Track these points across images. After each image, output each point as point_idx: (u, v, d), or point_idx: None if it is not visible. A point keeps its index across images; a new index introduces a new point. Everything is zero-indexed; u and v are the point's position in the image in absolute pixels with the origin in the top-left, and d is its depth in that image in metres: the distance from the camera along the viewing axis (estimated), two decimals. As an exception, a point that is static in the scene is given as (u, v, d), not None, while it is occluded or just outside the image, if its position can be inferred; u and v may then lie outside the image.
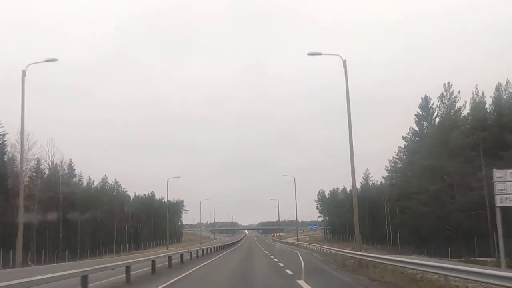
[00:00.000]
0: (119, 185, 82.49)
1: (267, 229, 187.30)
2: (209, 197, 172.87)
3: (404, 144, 52.32)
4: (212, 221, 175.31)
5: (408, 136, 51.67)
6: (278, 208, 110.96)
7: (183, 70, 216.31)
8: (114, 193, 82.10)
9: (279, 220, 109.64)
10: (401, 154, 53.14)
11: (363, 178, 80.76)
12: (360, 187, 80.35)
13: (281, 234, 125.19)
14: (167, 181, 60.39)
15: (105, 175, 78.80)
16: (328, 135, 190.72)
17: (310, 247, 47.15)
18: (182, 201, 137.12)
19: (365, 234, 74.47)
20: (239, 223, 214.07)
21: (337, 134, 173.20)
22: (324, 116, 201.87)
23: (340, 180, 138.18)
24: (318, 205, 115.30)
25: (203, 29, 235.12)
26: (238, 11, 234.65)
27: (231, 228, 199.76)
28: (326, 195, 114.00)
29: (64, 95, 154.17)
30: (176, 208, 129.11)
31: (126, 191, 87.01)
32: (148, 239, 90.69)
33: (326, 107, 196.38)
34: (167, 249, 58.71)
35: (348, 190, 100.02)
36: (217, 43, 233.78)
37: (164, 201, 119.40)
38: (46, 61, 25.38)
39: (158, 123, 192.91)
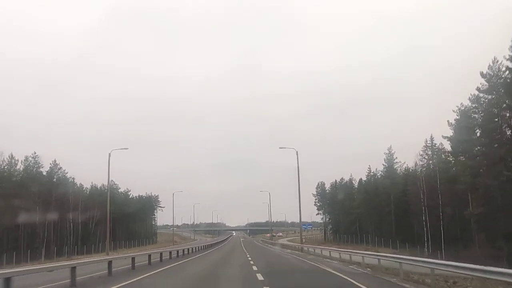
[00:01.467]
0: (59, 168, 62.03)
1: (255, 229, 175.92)
2: (199, 197, 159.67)
3: (481, 86, 32.79)
4: (197, 222, 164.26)
5: (490, 73, 32.05)
6: (269, 204, 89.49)
7: (173, 66, 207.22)
8: (54, 179, 61.94)
9: (270, 216, 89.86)
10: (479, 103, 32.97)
11: (385, 160, 61.77)
12: (384, 170, 61.50)
13: (272, 234, 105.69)
14: (109, 154, 40.42)
15: (35, 153, 57.98)
16: (325, 134, 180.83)
17: (339, 256, 26.14)
18: (156, 197, 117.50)
19: (389, 234, 56.07)
20: (227, 224, 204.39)
21: (335, 132, 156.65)
22: (321, 114, 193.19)
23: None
24: (317, 201, 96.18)
25: (195, 25, 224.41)
26: (233, 7, 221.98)
27: (216, 229, 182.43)
28: (327, 189, 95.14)
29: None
30: (149, 204, 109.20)
31: (73, 179, 66.98)
32: (105, 240, 71.59)
33: (323, 105, 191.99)
34: (107, 254, 39.37)
35: (357, 180, 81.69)
36: (210, 39, 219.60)
37: (131, 195, 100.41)
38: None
39: (148, 120, 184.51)
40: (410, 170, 56.60)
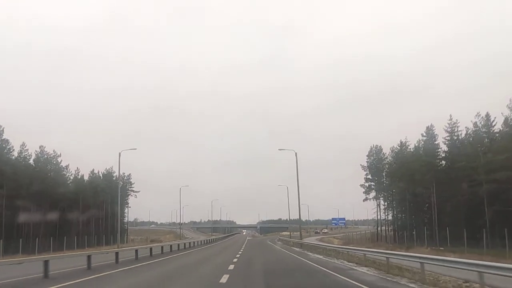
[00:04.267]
0: None
1: (268, 227, 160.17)
2: (207, 195, 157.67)
3: None
4: (205, 219, 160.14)
5: None
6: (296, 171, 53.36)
7: (184, 59, 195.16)
8: None
9: (298, 198, 54.14)
10: None
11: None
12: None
13: (316, 231, 70.74)
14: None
15: None
16: (343, 129, 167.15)
17: None
18: (128, 176, 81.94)
19: None
20: (237, 222, 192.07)
21: (355, 128, 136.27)
22: (339, 109, 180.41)
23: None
24: (369, 176, 58.92)
25: (207, 16, 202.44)
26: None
27: (219, 226, 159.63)
28: (387, 156, 57.90)
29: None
30: (105, 184, 72.28)
31: None
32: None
33: (340, 100, 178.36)
34: None
35: (465, 128, 44.81)
36: (226, 30, 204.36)
37: (63, 165, 65.03)
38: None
39: (156, 114, 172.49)
40: None
